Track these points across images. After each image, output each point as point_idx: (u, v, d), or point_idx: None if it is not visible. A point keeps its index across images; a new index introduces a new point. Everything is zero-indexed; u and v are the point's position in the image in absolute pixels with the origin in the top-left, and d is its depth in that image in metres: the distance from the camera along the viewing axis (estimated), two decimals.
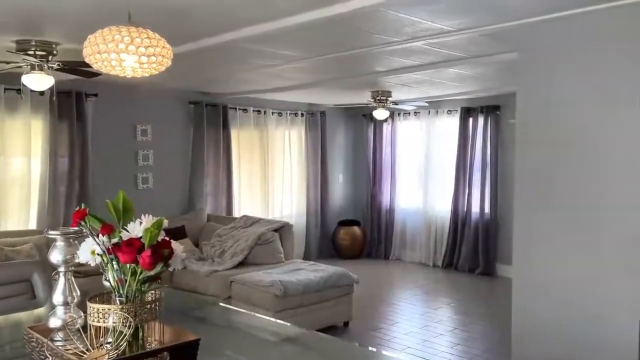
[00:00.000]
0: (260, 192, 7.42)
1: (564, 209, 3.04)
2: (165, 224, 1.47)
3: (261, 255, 5.37)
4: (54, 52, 3.78)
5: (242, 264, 5.28)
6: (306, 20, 2.96)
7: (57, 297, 1.66)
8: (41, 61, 3.75)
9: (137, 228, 1.44)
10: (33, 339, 1.54)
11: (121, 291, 1.44)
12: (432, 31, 3.39)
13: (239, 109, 7.08)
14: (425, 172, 7.86)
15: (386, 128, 8.31)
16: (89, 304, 1.43)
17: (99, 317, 1.41)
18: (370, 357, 2.23)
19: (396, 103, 7.02)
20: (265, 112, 7.39)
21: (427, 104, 7.40)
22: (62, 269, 1.67)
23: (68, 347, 1.48)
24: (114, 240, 1.44)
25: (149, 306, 1.46)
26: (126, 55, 1.67)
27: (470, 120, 7.28)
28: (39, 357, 1.50)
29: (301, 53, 4.14)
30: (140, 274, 1.43)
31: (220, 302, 4.11)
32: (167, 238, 1.48)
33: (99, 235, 1.44)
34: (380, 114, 6.78)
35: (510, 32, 3.28)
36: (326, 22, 3.05)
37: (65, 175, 5.59)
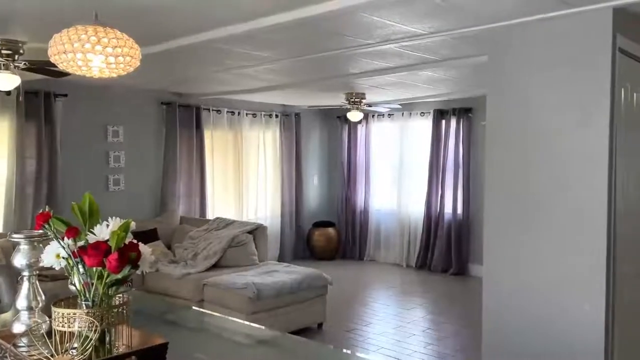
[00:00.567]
0: (234, 193, 7.38)
1: (531, 209, 3.10)
2: (132, 227, 1.45)
3: (235, 258, 5.34)
4: (21, 51, 3.69)
5: (215, 266, 5.24)
6: (278, 22, 2.95)
7: (21, 302, 1.63)
8: (7, 60, 3.66)
9: (103, 231, 1.42)
10: None
11: (87, 295, 1.42)
12: (404, 34, 3.43)
13: (213, 110, 7.03)
14: (399, 173, 7.94)
15: (360, 130, 8.36)
16: (53, 309, 1.41)
17: (64, 321, 1.38)
18: (344, 359, 2.23)
19: (370, 105, 7.07)
20: (239, 113, 7.35)
21: (400, 106, 7.47)
22: (26, 273, 1.63)
23: (32, 353, 1.45)
24: (80, 243, 1.41)
25: (116, 310, 1.43)
26: (93, 55, 1.65)
27: (443, 122, 7.37)
28: None
29: (274, 54, 4.13)
30: (107, 277, 1.41)
31: (193, 305, 4.07)
32: (134, 241, 1.46)
33: (64, 238, 1.41)
34: (354, 115, 6.82)
35: (480, 35, 3.34)
36: (298, 24, 3.06)
37: (33, 177, 5.46)
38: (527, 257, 3.12)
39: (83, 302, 1.42)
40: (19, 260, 1.61)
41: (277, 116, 7.87)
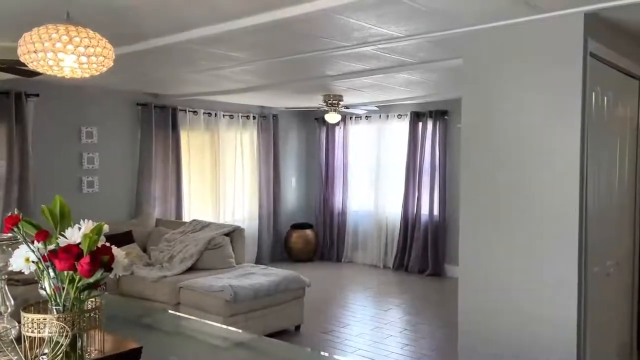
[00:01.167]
0: (211, 195, 7.32)
1: (505, 211, 3.15)
2: (105, 230, 1.42)
3: (211, 260, 5.30)
4: None
5: (191, 269, 5.18)
6: (253, 24, 2.94)
7: None
8: None
9: (75, 234, 1.39)
10: None
11: (58, 300, 1.38)
12: (380, 36, 3.45)
13: (189, 111, 6.96)
14: (376, 175, 7.98)
15: (338, 131, 8.38)
16: (23, 314, 1.37)
17: (33, 327, 1.35)
18: None
19: (348, 107, 7.09)
20: (216, 115, 7.30)
21: (377, 109, 7.52)
22: None
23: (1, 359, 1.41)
24: (51, 247, 1.38)
25: (88, 314, 1.40)
26: (64, 54, 1.61)
27: (420, 124, 7.44)
28: None
29: (251, 56, 4.11)
30: (79, 281, 1.38)
31: (169, 309, 4.02)
32: (107, 244, 1.44)
33: (34, 241, 1.38)
34: (332, 117, 6.83)
35: (455, 39, 3.38)
36: (274, 26, 3.05)
37: (3, 179, 5.33)
38: (501, 257, 3.16)
39: (54, 307, 1.39)
40: None
41: (254, 117, 7.84)
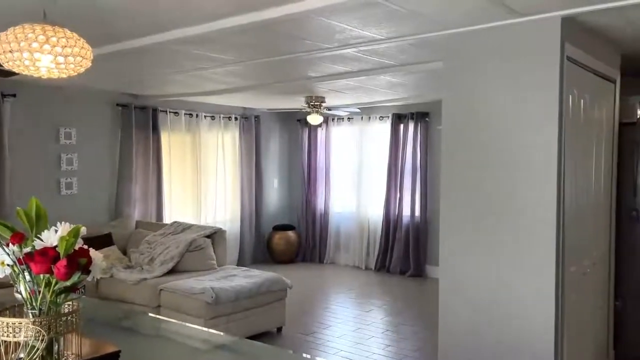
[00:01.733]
0: (192, 197, 7.27)
1: (484, 212, 3.18)
2: (83, 232, 1.40)
3: (192, 262, 5.26)
4: None
5: (172, 271, 5.14)
6: (235, 25, 2.93)
7: None
8: None
9: (52, 236, 1.37)
10: None
11: (34, 303, 1.37)
12: (362, 39, 3.46)
13: (170, 111, 6.91)
14: (358, 176, 8.01)
15: (320, 133, 8.38)
16: None
17: (9, 331, 1.33)
18: None
19: (330, 109, 7.11)
20: (197, 116, 7.25)
21: (359, 110, 7.54)
22: None
23: None
24: (26, 249, 1.36)
25: (65, 318, 1.39)
26: (40, 54, 1.59)
27: (401, 126, 7.49)
28: None
29: (232, 57, 4.10)
30: (55, 284, 1.36)
31: (149, 312, 3.98)
32: (85, 246, 1.42)
33: (9, 244, 1.36)
34: (314, 119, 6.84)
35: (436, 41, 3.41)
36: (256, 27, 3.04)
37: None
38: (480, 258, 3.20)
39: (29, 311, 1.37)
40: None
41: (236, 119, 7.81)
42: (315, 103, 6.63)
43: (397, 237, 7.50)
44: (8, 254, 1.35)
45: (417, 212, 7.35)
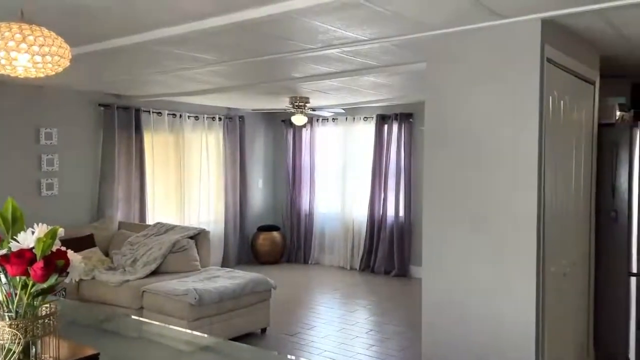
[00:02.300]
0: (176, 198, 7.22)
1: (466, 213, 3.21)
2: (60, 233, 1.39)
3: (175, 263, 5.22)
4: None
5: (155, 272, 5.10)
6: (217, 25, 2.91)
7: None
8: None
9: (28, 238, 1.35)
10: None
11: (10, 306, 1.35)
12: (345, 39, 3.47)
13: (153, 112, 6.85)
14: (343, 177, 8.02)
15: (305, 134, 8.38)
16: None
17: None
18: None
19: (314, 109, 7.11)
20: (180, 116, 7.21)
21: (344, 111, 7.56)
22: None
23: None
24: (2, 251, 1.34)
25: (42, 321, 1.37)
26: (17, 53, 1.57)
27: (385, 127, 7.52)
28: None
29: (215, 57, 4.08)
30: (32, 287, 1.34)
31: (132, 314, 3.95)
32: (63, 248, 1.40)
33: None
34: (298, 119, 6.83)
35: (419, 43, 3.43)
36: (239, 27, 3.03)
37: None
38: (462, 257, 3.22)
39: (6, 314, 1.35)
40: None
41: (220, 119, 7.77)
42: (300, 104, 6.62)
43: (382, 237, 7.53)
44: None
45: (402, 213, 7.38)
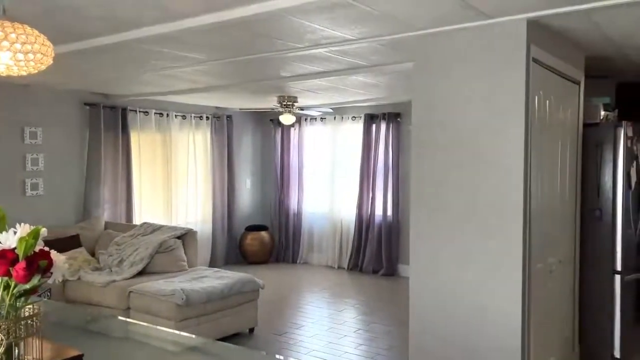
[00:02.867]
0: (163, 198, 7.17)
1: (453, 211, 3.22)
2: (43, 233, 1.37)
3: (162, 264, 5.19)
4: None
5: (142, 273, 5.06)
6: (205, 23, 2.90)
7: None
8: None
9: (10, 238, 1.34)
10: None
11: None
12: (333, 39, 3.47)
13: (140, 111, 6.80)
14: (331, 176, 8.03)
15: (293, 133, 8.37)
16: None
17: None
18: None
19: (302, 109, 7.10)
20: (168, 115, 7.16)
21: (332, 110, 7.56)
22: None
23: None
24: None
25: (25, 322, 1.35)
26: None
27: (373, 126, 7.53)
28: None
29: (202, 56, 4.05)
30: (15, 287, 1.33)
31: (118, 314, 3.91)
32: (46, 248, 1.39)
33: None
34: (287, 119, 6.82)
35: (406, 42, 3.44)
36: (226, 26, 3.02)
37: None
38: (449, 255, 3.24)
39: None
40: None
41: (208, 118, 7.73)
42: (288, 103, 6.61)
43: (370, 236, 7.55)
44: None
45: (389, 212, 7.40)
